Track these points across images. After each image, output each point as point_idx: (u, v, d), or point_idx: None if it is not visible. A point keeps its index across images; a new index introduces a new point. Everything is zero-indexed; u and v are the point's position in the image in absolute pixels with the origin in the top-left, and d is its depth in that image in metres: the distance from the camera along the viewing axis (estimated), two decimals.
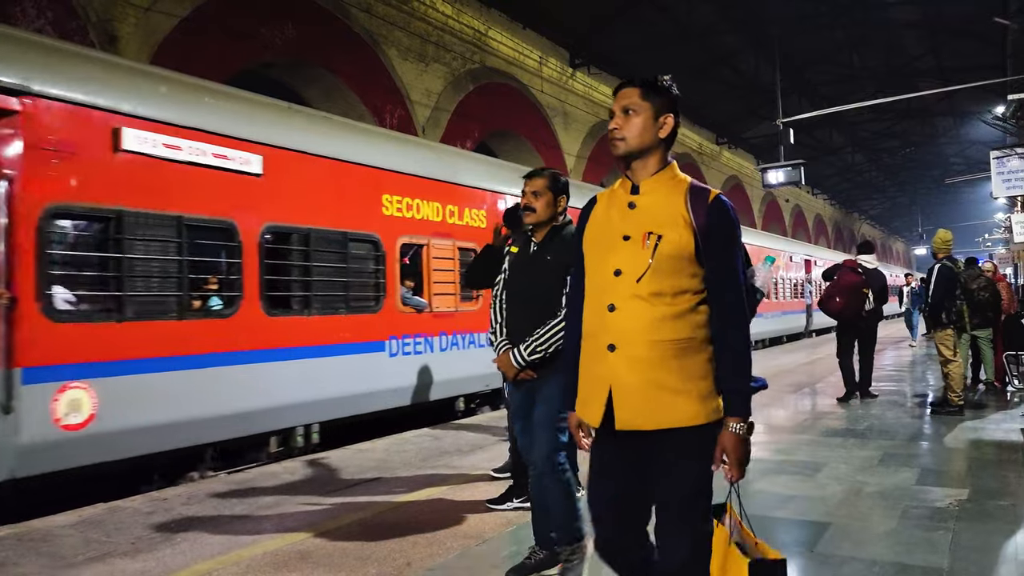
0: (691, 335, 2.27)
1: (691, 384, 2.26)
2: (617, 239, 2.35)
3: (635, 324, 2.26)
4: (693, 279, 2.30)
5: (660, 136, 2.40)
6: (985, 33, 18.45)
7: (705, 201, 2.32)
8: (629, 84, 2.48)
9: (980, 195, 44.06)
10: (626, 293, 2.29)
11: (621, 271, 2.30)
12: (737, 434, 2.23)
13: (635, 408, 2.26)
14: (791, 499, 5.01)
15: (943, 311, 8.35)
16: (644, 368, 2.24)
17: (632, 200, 2.39)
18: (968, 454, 6.36)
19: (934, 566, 3.71)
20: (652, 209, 2.34)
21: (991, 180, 13.39)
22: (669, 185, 2.39)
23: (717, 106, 27.17)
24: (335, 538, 4.40)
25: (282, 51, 13.05)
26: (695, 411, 2.24)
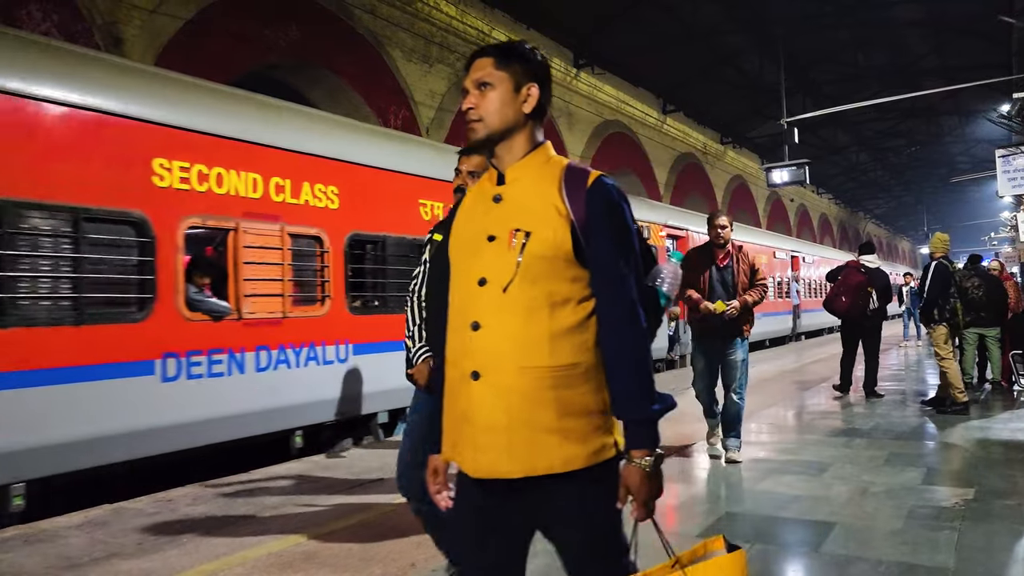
0: (574, 360, 1.83)
1: (571, 421, 1.82)
2: (482, 241, 1.92)
3: (502, 345, 1.83)
4: (575, 285, 1.87)
5: (525, 111, 1.98)
6: (990, 32, 18.38)
7: (583, 185, 1.90)
8: (481, 54, 2.04)
9: (986, 194, 43.89)
10: (492, 307, 1.86)
11: (486, 280, 1.87)
12: (642, 469, 1.83)
13: (499, 451, 1.83)
14: (796, 499, 5.00)
15: (937, 308, 8.50)
16: (511, 401, 1.81)
17: (497, 192, 1.97)
18: (974, 453, 6.33)
19: (940, 566, 3.69)
20: (520, 201, 1.92)
21: (997, 179, 13.34)
22: (540, 170, 1.96)
23: (721, 106, 27.11)
24: (339, 539, 4.40)
25: (286, 53, 13.07)
26: (571, 454, 1.82)
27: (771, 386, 11.52)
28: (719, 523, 4.50)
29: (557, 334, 1.83)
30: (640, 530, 1.91)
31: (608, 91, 22.48)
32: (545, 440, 1.81)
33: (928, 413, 8.42)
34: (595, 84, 21.80)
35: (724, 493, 5.29)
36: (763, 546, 4.07)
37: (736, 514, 4.70)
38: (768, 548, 4.05)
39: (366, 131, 8.78)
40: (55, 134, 5.35)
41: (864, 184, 46.17)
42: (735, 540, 4.13)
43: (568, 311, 1.85)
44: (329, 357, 7.28)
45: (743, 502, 4.99)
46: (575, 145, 20.99)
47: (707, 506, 4.90)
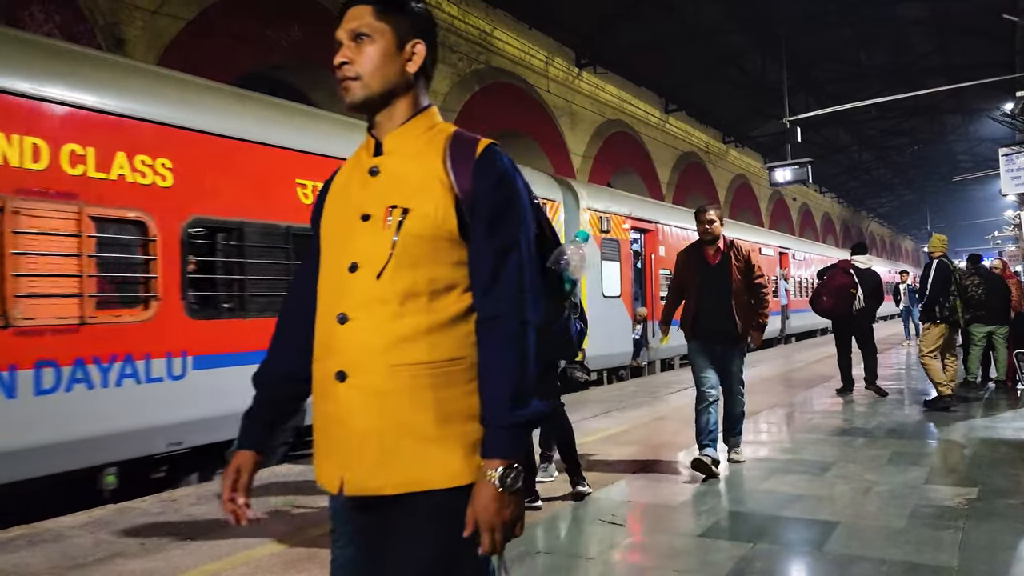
0: (457, 354, 1.59)
1: (454, 427, 1.56)
2: (355, 220, 1.66)
3: (372, 340, 1.57)
4: (462, 269, 1.62)
5: (409, 71, 1.73)
6: (993, 30, 18.34)
7: (471, 156, 1.64)
8: (358, 0, 1.77)
9: (989, 192, 43.81)
10: (362, 296, 1.60)
11: (358, 265, 1.62)
12: (493, 485, 1.49)
13: (370, 464, 1.57)
14: (799, 498, 5.00)
15: (937, 306, 8.58)
16: (383, 405, 1.56)
17: (374, 164, 1.70)
18: (978, 452, 6.33)
19: (943, 565, 3.69)
20: (399, 173, 1.66)
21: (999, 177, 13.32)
22: (423, 138, 1.70)
23: (724, 105, 27.08)
24: None
25: (289, 53, 13.09)
26: (457, 467, 1.55)
27: (773, 386, 11.51)
28: (721, 522, 4.51)
29: (438, 325, 1.58)
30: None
31: (610, 91, 22.47)
32: (422, 451, 1.55)
33: (925, 412, 8.41)
34: (597, 84, 21.79)
35: (726, 492, 5.29)
36: (766, 546, 4.07)
37: (738, 513, 4.70)
38: (771, 548, 4.05)
39: (219, 92, 6.90)
40: None
41: (867, 183, 46.11)
42: (738, 539, 4.16)
43: (452, 299, 1.61)
44: (156, 373, 5.69)
45: (745, 501, 4.99)
46: (577, 145, 20.98)
47: (709, 505, 4.90)
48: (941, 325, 8.61)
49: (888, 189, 49.56)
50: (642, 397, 10.38)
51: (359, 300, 1.60)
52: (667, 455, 6.53)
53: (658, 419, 8.50)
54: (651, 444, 7.05)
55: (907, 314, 19.85)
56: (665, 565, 3.82)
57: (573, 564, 3.98)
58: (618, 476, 5.77)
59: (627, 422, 8.30)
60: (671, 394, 10.60)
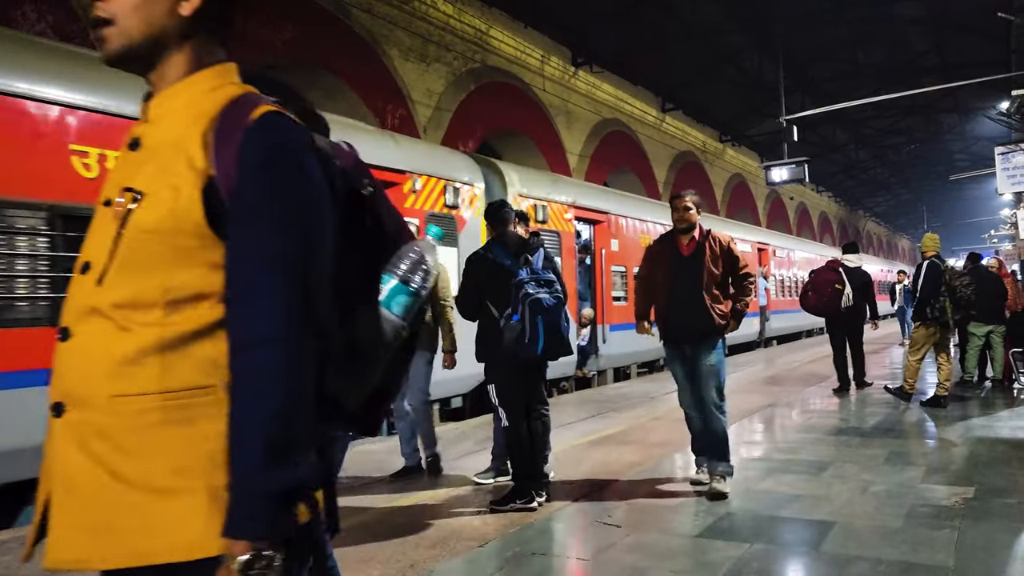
0: (204, 382, 1.21)
1: (197, 478, 1.18)
2: (100, 207, 1.32)
3: (91, 363, 1.22)
4: (215, 275, 1.24)
5: (182, 14, 1.33)
6: (989, 29, 18.35)
7: (241, 125, 1.23)
8: None
9: (986, 191, 43.85)
10: (83, 305, 1.26)
11: (89, 265, 1.28)
12: (234, 573, 1.12)
13: (75, 527, 1.20)
14: (797, 498, 4.98)
15: (928, 307, 8.67)
16: (99, 448, 1.19)
17: (136, 134, 1.35)
18: (974, 452, 6.32)
19: (940, 564, 3.68)
20: (155, 147, 1.30)
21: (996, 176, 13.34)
22: (193, 102, 1.31)
23: (720, 104, 27.08)
24: (337, 541, 4.36)
25: (283, 53, 13.05)
26: (198, 532, 1.16)
27: (769, 385, 11.50)
28: (719, 523, 4.49)
29: (172, 344, 1.21)
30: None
31: (607, 89, 22.45)
32: (151, 510, 1.17)
33: (928, 412, 8.42)
34: (594, 83, 21.78)
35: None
36: (763, 546, 4.05)
37: (735, 513, 4.68)
38: (768, 548, 4.03)
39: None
40: None
41: (864, 182, 46.15)
42: (734, 539, 4.14)
43: (200, 312, 1.23)
44: None
45: (743, 501, 4.98)
46: (573, 144, 20.97)
47: (706, 506, 4.88)
48: (930, 327, 8.73)
49: (885, 188, 49.62)
50: (638, 398, 10.36)
51: (80, 310, 1.25)
52: (664, 455, 6.51)
53: (655, 419, 8.48)
54: (647, 444, 7.03)
55: (902, 314, 19.85)
56: (661, 566, 3.80)
57: (568, 565, 3.97)
58: (614, 477, 5.75)
59: (623, 422, 8.29)
60: (667, 394, 10.58)
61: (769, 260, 21.99)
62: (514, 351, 4.82)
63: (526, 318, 4.77)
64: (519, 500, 4.90)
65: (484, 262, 5.04)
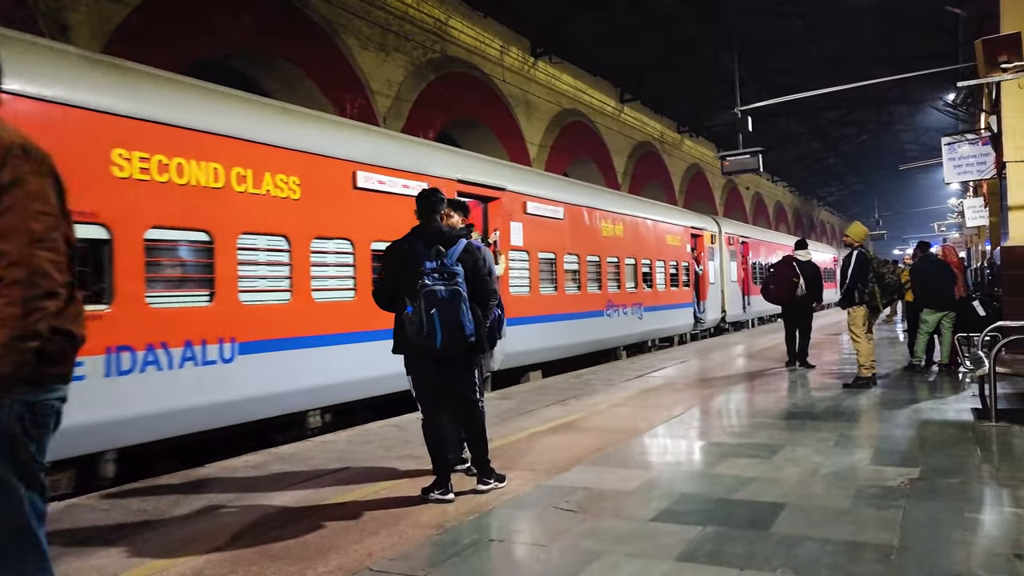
0: None
1: None
2: None
3: None
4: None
5: None
6: (937, 22, 18.80)
7: None
8: None
9: (934, 181, 44.92)
10: None
11: None
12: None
13: None
14: (749, 481, 5.09)
15: (856, 292, 9.52)
16: None
17: None
18: (920, 434, 6.52)
19: (885, 543, 3.80)
20: None
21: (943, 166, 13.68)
22: None
23: (678, 95, 27.35)
24: (296, 532, 4.37)
25: (239, 41, 12.85)
26: None
27: (725, 370, 11.70)
28: (672, 506, 4.57)
29: None
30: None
31: (566, 80, 22.52)
32: None
33: (879, 396, 8.65)
34: (553, 73, 21.82)
35: (678, 477, 5.37)
36: (715, 528, 4.14)
37: (689, 497, 4.78)
38: (720, 530, 4.12)
39: None
40: None
41: (817, 172, 47.01)
42: (688, 523, 4.22)
43: None
44: None
45: (697, 485, 5.08)
46: (533, 134, 21.00)
47: (661, 490, 4.97)
48: (862, 308, 9.53)
49: (838, 178, 50.61)
50: (599, 385, 10.47)
51: None
52: (621, 441, 6.59)
53: (614, 406, 8.58)
54: (606, 430, 7.12)
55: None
56: (616, 550, 3.86)
57: (526, 551, 4.01)
58: (572, 463, 5.82)
59: (583, 409, 8.37)
60: (628, 380, 10.71)
61: (704, 248, 20.31)
62: (416, 344, 4.82)
63: (421, 310, 4.74)
64: (437, 491, 4.93)
65: (399, 251, 5.03)
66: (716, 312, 20.89)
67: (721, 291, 21.31)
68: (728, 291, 21.84)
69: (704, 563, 3.64)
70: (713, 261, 20.73)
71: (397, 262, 5.00)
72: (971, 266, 22.96)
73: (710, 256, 20.48)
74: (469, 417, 5.17)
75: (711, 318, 20.38)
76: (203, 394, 6.61)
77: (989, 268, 14.99)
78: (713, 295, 20.57)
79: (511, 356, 10.84)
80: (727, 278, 21.82)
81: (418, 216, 5.16)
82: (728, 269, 21.93)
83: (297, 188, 7.62)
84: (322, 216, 7.92)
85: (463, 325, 4.79)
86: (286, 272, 7.55)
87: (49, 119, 5.59)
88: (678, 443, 6.58)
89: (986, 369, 6.96)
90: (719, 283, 21.16)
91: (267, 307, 7.37)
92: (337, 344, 7.99)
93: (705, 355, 14.63)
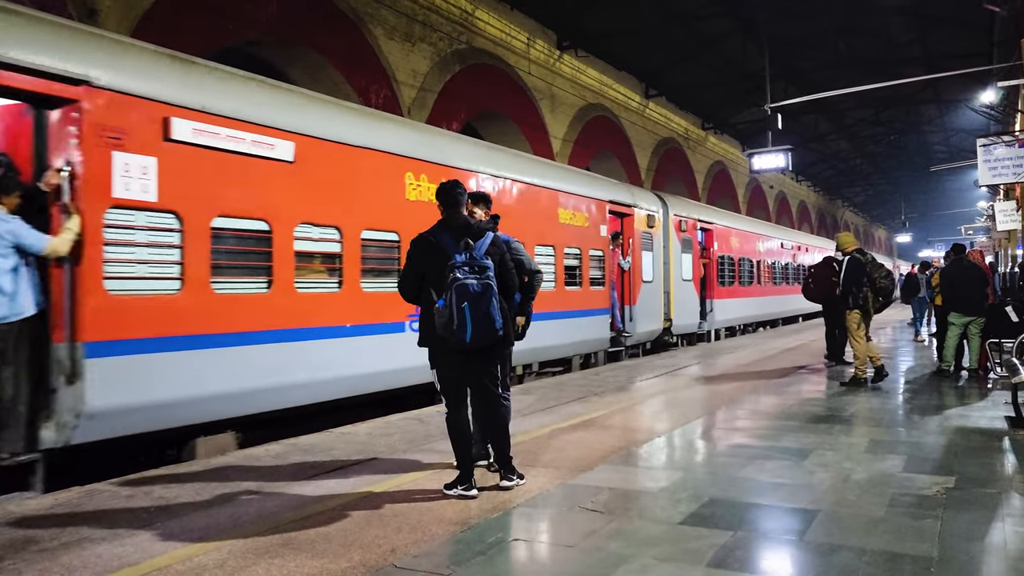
0: None
1: None
2: None
3: None
4: None
5: None
6: (972, 19, 18.45)
7: None
8: None
9: (963, 183, 44.35)
10: None
11: None
12: None
13: None
14: (779, 486, 4.98)
15: (851, 295, 9.79)
16: None
17: None
18: (952, 441, 6.37)
19: (924, 555, 3.68)
20: None
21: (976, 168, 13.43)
22: None
23: (704, 91, 27.09)
24: (318, 524, 4.32)
25: (266, 29, 12.82)
26: None
27: (749, 373, 11.55)
28: (701, 510, 4.47)
29: None
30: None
31: (591, 74, 22.35)
32: None
33: (909, 401, 8.49)
34: (578, 67, 21.66)
35: (706, 479, 5.26)
36: (746, 533, 4.04)
37: (718, 500, 4.67)
38: (751, 535, 4.02)
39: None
40: None
41: (843, 172, 46.51)
42: (718, 527, 4.11)
43: None
44: None
45: (726, 489, 4.97)
46: (557, 128, 20.87)
47: (689, 492, 4.87)
48: (856, 311, 9.79)
49: (864, 178, 50.02)
50: (620, 381, 10.36)
51: None
52: (646, 440, 6.50)
53: (636, 404, 8.47)
54: (629, 429, 7.02)
55: (920, 304, 18.18)
56: (644, 553, 3.77)
57: (552, 552, 3.93)
58: (597, 462, 5.73)
59: (604, 407, 8.27)
60: (647, 380, 10.59)
61: (634, 234, 14.86)
62: (445, 337, 4.75)
63: (452, 303, 4.67)
64: (460, 487, 4.86)
65: (425, 245, 4.96)
66: (654, 322, 15.48)
67: (665, 293, 16.03)
68: (678, 293, 16.64)
69: (736, 570, 3.54)
70: (652, 252, 15.42)
71: (423, 255, 4.94)
72: (1000, 270, 22.59)
73: (646, 245, 15.17)
74: (493, 412, 5.10)
75: (644, 330, 14.98)
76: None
77: (1020, 272, 14.70)
78: (649, 299, 15.11)
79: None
80: (676, 275, 16.54)
81: (441, 210, 5.09)
82: (678, 263, 16.67)
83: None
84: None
85: (494, 319, 4.73)
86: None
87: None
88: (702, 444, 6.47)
89: (1021, 376, 6.79)
90: (658, 282, 15.67)
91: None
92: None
93: (726, 354, 14.42)
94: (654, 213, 15.51)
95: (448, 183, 5.20)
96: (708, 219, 18.83)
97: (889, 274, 10.42)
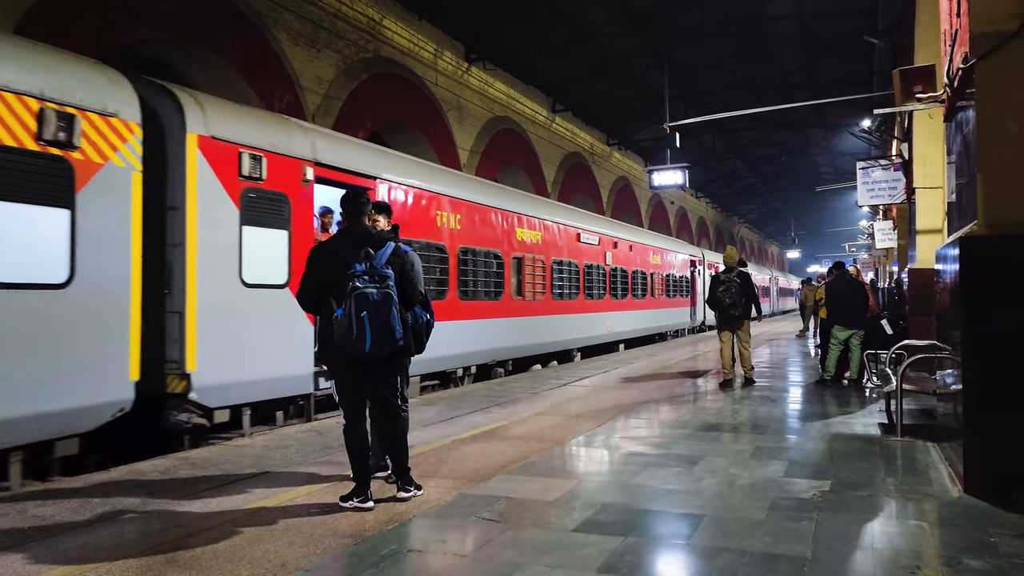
0: None
1: None
2: None
3: None
4: None
5: None
6: (854, 50, 19.61)
7: None
8: None
9: (847, 203, 46.87)
10: None
11: None
12: None
13: None
14: (669, 492, 5.15)
15: (753, 305, 11.21)
16: None
17: None
18: (831, 447, 6.73)
19: (799, 555, 3.89)
20: None
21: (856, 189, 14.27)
22: None
23: (609, 108, 27.75)
24: (206, 541, 4.19)
25: (161, 27, 12.37)
26: None
27: (645, 382, 11.86)
28: (594, 517, 4.58)
29: None
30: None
31: (499, 87, 22.55)
32: None
33: (795, 410, 8.90)
34: (486, 80, 21.82)
35: (600, 488, 5.39)
36: (636, 539, 4.16)
37: (611, 507, 4.79)
38: (640, 541, 4.15)
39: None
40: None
41: (738, 190, 48.47)
42: (609, 533, 4.22)
43: None
44: None
45: (619, 495, 5.10)
46: (465, 139, 20.94)
47: (583, 500, 4.97)
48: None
49: (757, 196, 52.28)
50: (522, 393, 10.46)
51: None
52: (544, 450, 6.59)
53: (538, 414, 8.58)
54: (529, 439, 7.11)
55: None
56: (537, 560, 3.83)
57: (446, 562, 3.94)
58: (494, 472, 5.78)
59: (506, 417, 8.34)
60: (551, 390, 10.74)
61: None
62: (344, 347, 4.73)
63: (351, 313, 4.65)
64: (356, 499, 4.83)
65: (325, 253, 4.94)
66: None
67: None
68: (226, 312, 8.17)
69: (625, 574, 3.65)
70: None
71: (322, 263, 4.89)
72: (880, 286, 24.00)
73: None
74: (391, 422, 5.08)
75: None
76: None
77: (896, 288, 15.69)
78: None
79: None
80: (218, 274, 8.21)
81: (345, 217, 5.07)
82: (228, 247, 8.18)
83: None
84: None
85: (393, 329, 4.71)
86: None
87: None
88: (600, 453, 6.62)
89: (893, 386, 7.25)
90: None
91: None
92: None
93: (625, 364, 14.76)
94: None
95: (351, 192, 5.18)
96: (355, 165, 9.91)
97: (728, 289, 11.58)
